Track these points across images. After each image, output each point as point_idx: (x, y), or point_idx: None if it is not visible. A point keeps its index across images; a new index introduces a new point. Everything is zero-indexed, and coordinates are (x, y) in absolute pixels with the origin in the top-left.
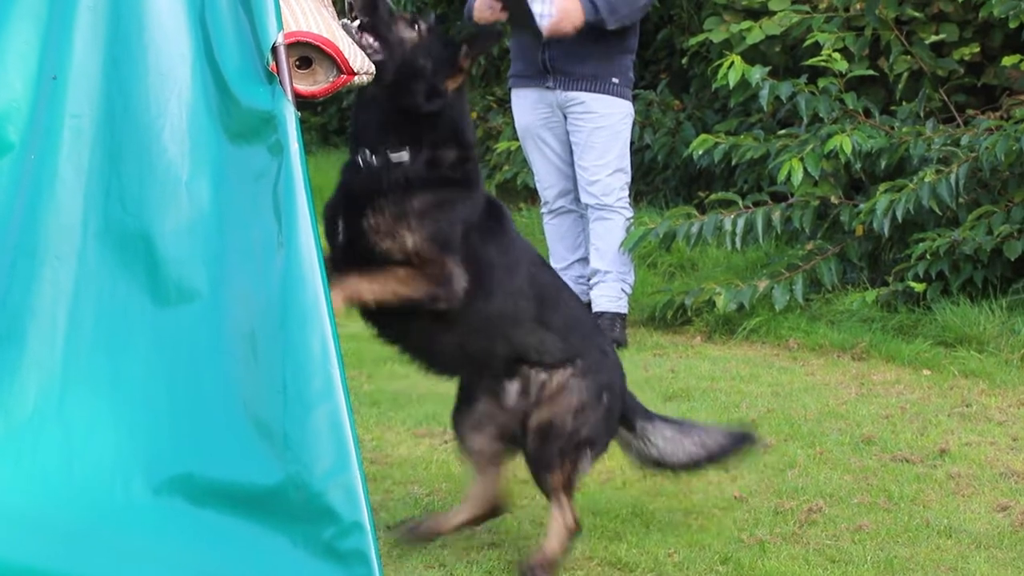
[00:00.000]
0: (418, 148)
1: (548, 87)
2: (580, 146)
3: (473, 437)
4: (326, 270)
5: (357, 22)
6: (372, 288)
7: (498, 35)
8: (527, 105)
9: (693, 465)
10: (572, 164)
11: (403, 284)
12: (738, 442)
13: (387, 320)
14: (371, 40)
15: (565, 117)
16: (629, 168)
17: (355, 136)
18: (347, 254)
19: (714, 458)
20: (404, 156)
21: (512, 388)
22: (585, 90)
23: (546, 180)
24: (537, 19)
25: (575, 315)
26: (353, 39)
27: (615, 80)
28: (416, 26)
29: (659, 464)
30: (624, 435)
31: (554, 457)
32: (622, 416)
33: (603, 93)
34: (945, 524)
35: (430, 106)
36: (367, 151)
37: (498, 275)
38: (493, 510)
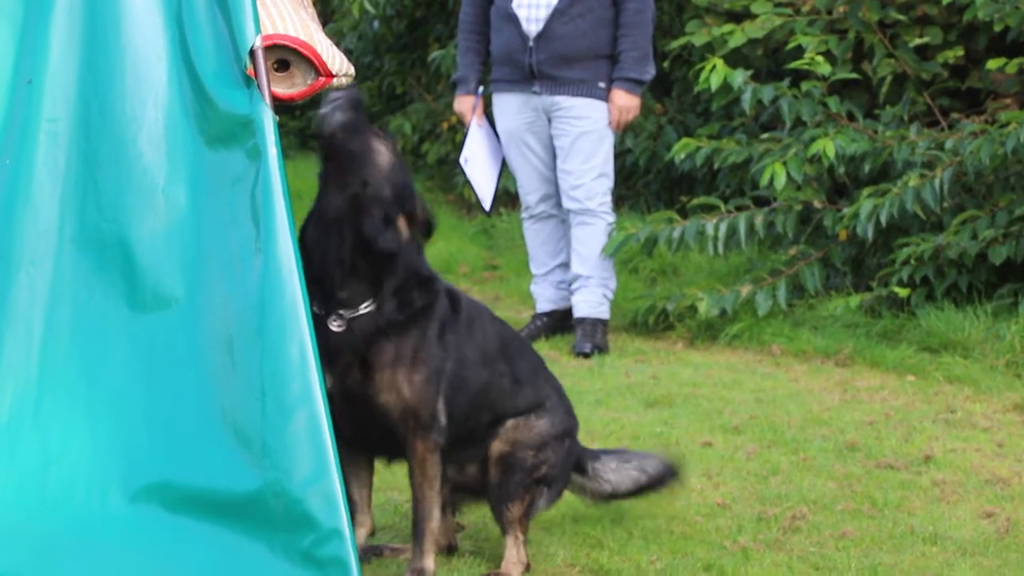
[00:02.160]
0: (382, 292)
1: (534, 92)
2: (565, 150)
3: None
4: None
5: None
6: (429, 506)
7: (432, 229)
8: (511, 110)
9: (637, 490)
10: (555, 169)
11: (426, 468)
12: (670, 472)
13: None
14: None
15: (550, 121)
16: (612, 173)
17: (318, 288)
18: (338, 405)
19: (653, 483)
20: (371, 307)
21: (478, 453)
22: (571, 94)
23: (528, 185)
24: (523, 24)
25: (534, 359)
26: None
27: (601, 84)
28: (387, 143)
29: (612, 496)
30: (577, 479)
31: (515, 489)
32: (577, 463)
33: (589, 97)
34: (930, 531)
35: (386, 242)
36: (335, 312)
37: (474, 369)
38: (447, 550)
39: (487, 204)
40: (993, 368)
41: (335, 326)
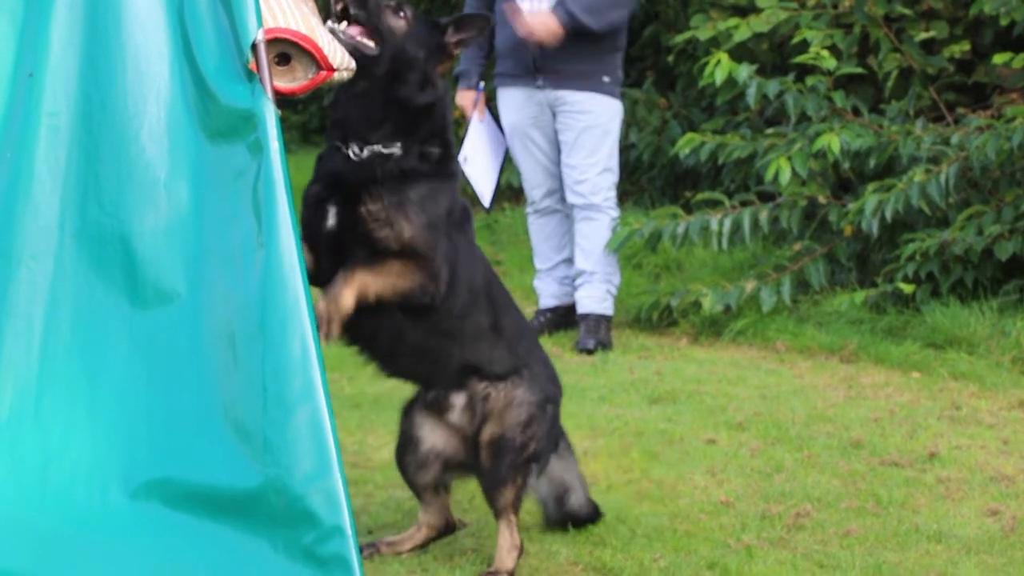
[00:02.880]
0: (409, 142)
1: (538, 86)
2: (569, 145)
3: (420, 474)
4: (307, 258)
5: (344, 23)
6: (377, 282)
7: (486, 20)
8: (515, 104)
9: (578, 517)
10: (559, 163)
11: (402, 277)
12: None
13: (362, 315)
14: (363, 34)
15: (554, 116)
16: (617, 168)
17: (342, 128)
18: (333, 242)
19: (587, 517)
20: (396, 149)
21: (458, 402)
22: (575, 88)
23: (533, 179)
24: (526, 15)
25: (522, 324)
26: (343, 38)
27: (605, 78)
28: (402, 14)
29: (563, 496)
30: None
31: (507, 472)
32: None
33: (593, 91)
34: (934, 529)
35: (424, 97)
36: (357, 143)
37: (465, 274)
38: (447, 529)
39: (487, 201)
40: (998, 365)
41: (354, 153)
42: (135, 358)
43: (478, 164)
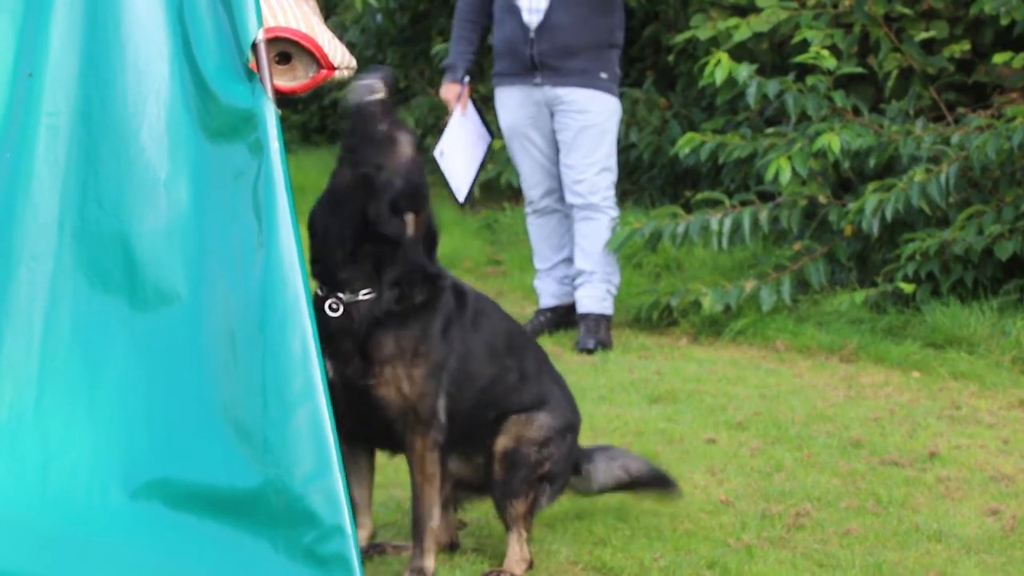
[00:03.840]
0: (382, 283)
1: (536, 84)
2: (567, 144)
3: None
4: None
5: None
6: (429, 505)
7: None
8: (513, 104)
9: (615, 486)
10: (558, 163)
11: (425, 467)
12: (658, 478)
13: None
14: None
15: (552, 114)
16: (616, 167)
17: (320, 268)
18: (342, 399)
19: (635, 483)
20: (369, 295)
21: (483, 446)
22: (574, 86)
23: (531, 179)
24: (524, 14)
25: (540, 355)
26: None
27: (603, 75)
28: (412, 146)
29: (598, 491)
30: (572, 479)
31: (519, 486)
32: (575, 461)
33: (592, 89)
34: (934, 528)
35: (390, 228)
36: (332, 290)
37: (480, 363)
38: (450, 546)
39: (461, 196)
40: (998, 364)
41: (331, 310)
42: (135, 358)
43: (456, 159)
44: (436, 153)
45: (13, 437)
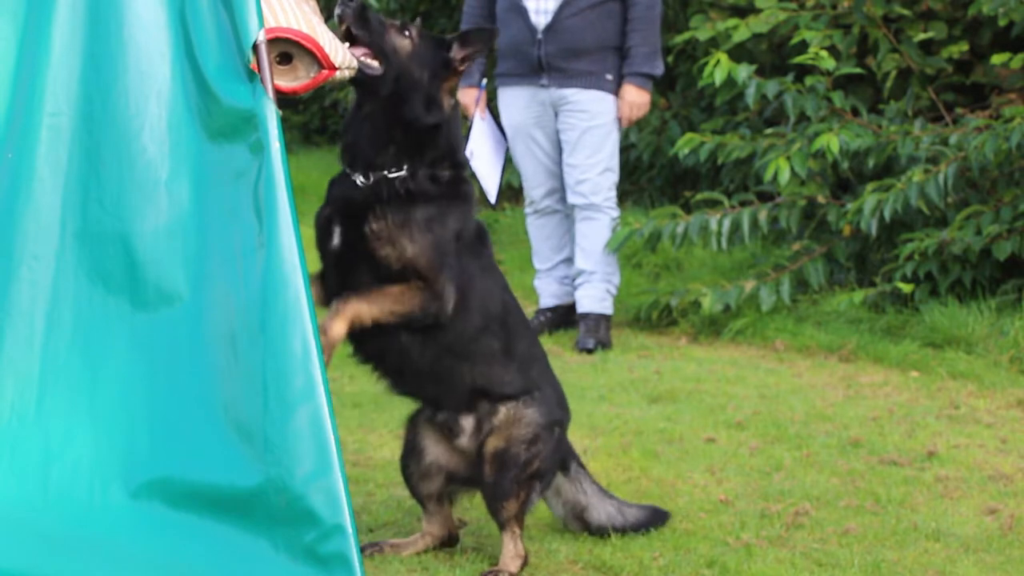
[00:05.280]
0: (416, 164)
1: (542, 85)
2: (571, 144)
3: (423, 485)
4: (315, 280)
5: (347, 43)
6: (372, 309)
7: (491, 33)
8: (519, 104)
9: (607, 529)
10: (560, 163)
11: (400, 302)
12: (654, 518)
13: (367, 336)
14: (367, 54)
15: (556, 115)
16: (617, 167)
17: (350, 152)
18: (339, 261)
19: (627, 528)
20: (402, 172)
21: (467, 425)
22: (580, 87)
23: (534, 179)
24: (532, 16)
25: (535, 348)
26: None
27: (609, 77)
28: (407, 33)
29: (583, 516)
30: (557, 478)
31: (510, 486)
32: (562, 457)
33: (598, 90)
34: (933, 527)
35: (430, 118)
36: (364, 169)
37: (478, 297)
38: (448, 540)
39: (492, 197)
40: (997, 364)
41: (360, 180)
42: (136, 357)
43: (483, 159)
44: (467, 154)
45: (14, 436)
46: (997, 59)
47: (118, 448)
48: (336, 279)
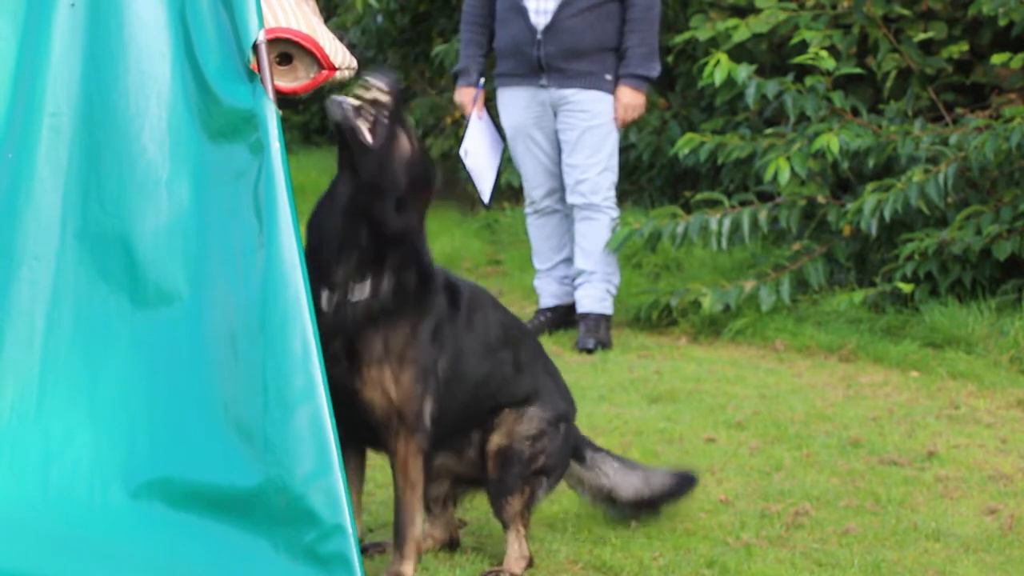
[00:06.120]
0: (380, 275)
1: (542, 85)
2: (571, 144)
3: (430, 488)
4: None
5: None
6: (414, 513)
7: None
8: (519, 105)
9: (637, 502)
10: (560, 163)
11: (413, 475)
12: (682, 483)
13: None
14: (371, 124)
15: (556, 115)
16: (617, 167)
17: (314, 256)
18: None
19: (657, 499)
20: (366, 290)
21: (475, 438)
22: (580, 87)
23: (534, 179)
24: (532, 16)
25: (534, 347)
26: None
27: (608, 77)
28: (412, 139)
29: (610, 496)
30: (574, 468)
31: (514, 482)
32: (574, 449)
33: (597, 90)
34: (933, 527)
35: (398, 223)
36: (327, 283)
37: (474, 360)
38: (450, 544)
39: (486, 196)
40: (997, 364)
41: (324, 303)
42: (136, 357)
43: (478, 159)
44: (461, 152)
45: (15, 436)
46: (997, 59)
47: (118, 448)
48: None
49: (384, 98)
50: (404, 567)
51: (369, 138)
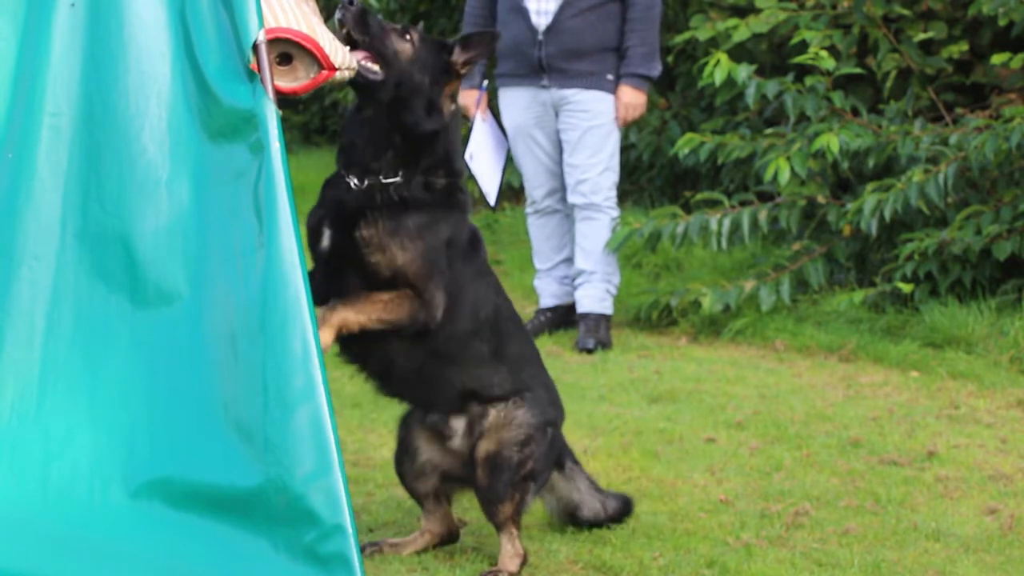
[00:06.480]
0: (412, 170)
1: (543, 85)
2: (572, 144)
3: (418, 484)
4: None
5: (348, 47)
6: (359, 317)
7: (493, 36)
8: (520, 105)
9: (592, 522)
10: (561, 163)
11: (388, 310)
12: (626, 509)
13: (352, 339)
14: (368, 58)
15: (557, 115)
16: (618, 167)
17: (346, 154)
18: (328, 264)
19: (604, 521)
20: (397, 179)
21: (458, 427)
22: (581, 87)
23: (535, 179)
24: (533, 17)
25: (528, 350)
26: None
27: (609, 77)
28: (408, 36)
29: (574, 512)
30: (553, 476)
31: (504, 489)
32: (557, 456)
33: (598, 90)
34: (933, 527)
35: (430, 124)
36: (359, 173)
37: (468, 303)
38: (449, 537)
39: (492, 199)
40: (997, 364)
41: (355, 183)
42: (136, 357)
43: (483, 161)
44: (466, 156)
45: (15, 436)
46: (997, 59)
47: (118, 448)
48: (325, 282)
49: (351, 17)
50: (322, 332)
51: (376, 68)
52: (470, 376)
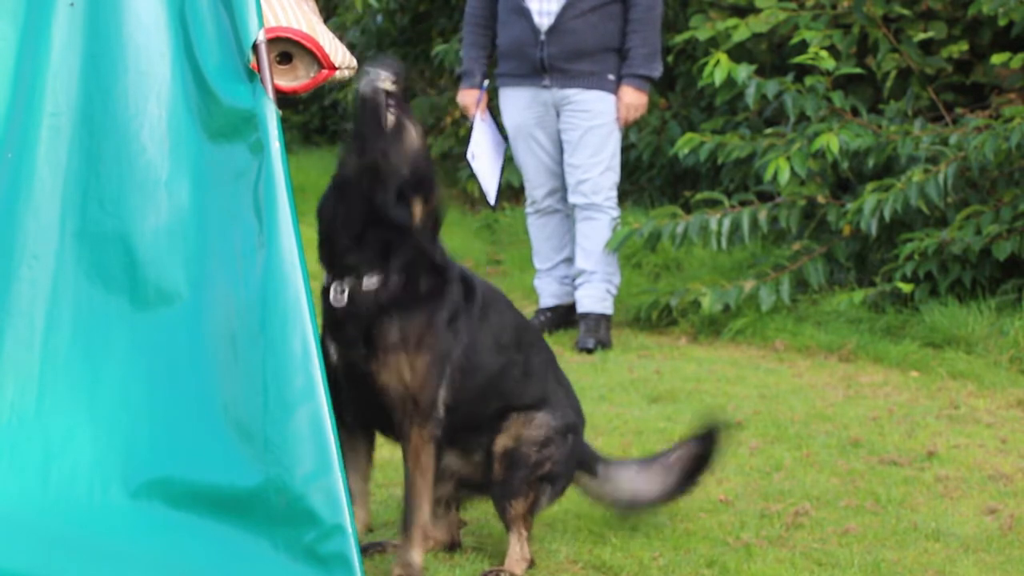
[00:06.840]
0: (389, 267)
1: (544, 85)
2: (573, 144)
3: (434, 488)
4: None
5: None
6: (422, 502)
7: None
8: (521, 105)
9: (670, 493)
10: (562, 163)
11: (425, 464)
12: (710, 439)
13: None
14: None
15: (558, 114)
16: (619, 167)
17: (327, 247)
18: (343, 379)
19: (690, 474)
20: (374, 282)
21: (484, 440)
22: (583, 87)
23: (536, 179)
24: (535, 17)
25: (547, 355)
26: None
27: (611, 77)
28: (419, 134)
29: (633, 503)
30: (589, 483)
31: (519, 485)
32: (583, 462)
33: (600, 90)
34: (933, 527)
35: (396, 213)
36: (339, 273)
37: (486, 355)
38: (450, 546)
39: (492, 198)
40: (996, 364)
41: (335, 298)
42: (136, 357)
43: (483, 161)
44: (468, 156)
45: (15, 436)
46: (997, 59)
47: (118, 448)
48: (342, 396)
49: (392, 87)
50: (413, 554)
51: (390, 116)
52: (506, 399)
